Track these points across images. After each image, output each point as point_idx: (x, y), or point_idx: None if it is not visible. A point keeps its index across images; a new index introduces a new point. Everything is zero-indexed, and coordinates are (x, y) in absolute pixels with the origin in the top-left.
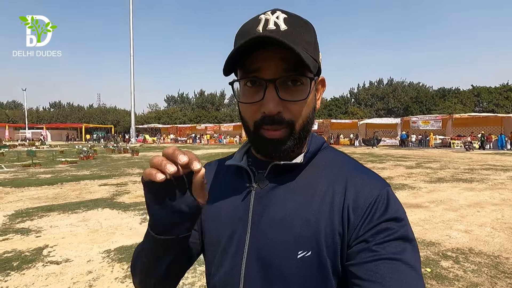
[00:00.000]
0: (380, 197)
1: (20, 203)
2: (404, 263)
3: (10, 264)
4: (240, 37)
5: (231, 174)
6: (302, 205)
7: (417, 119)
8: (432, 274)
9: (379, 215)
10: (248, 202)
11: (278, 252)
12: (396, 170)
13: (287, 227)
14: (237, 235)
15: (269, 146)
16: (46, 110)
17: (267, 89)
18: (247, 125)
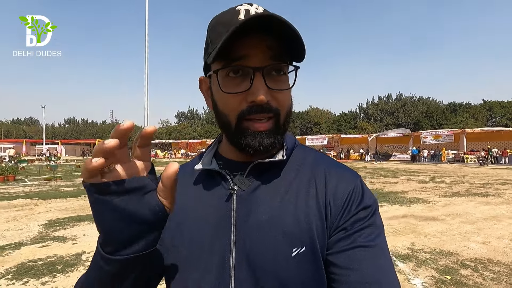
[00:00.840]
0: (356, 188)
1: (50, 213)
2: (379, 248)
3: (55, 268)
4: (220, 27)
5: (202, 178)
6: (288, 203)
7: (428, 134)
8: (452, 281)
9: (357, 205)
10: (229, 206)
11: (270, 254)
12: (410, 185)
13: (277, 226)
14: (220, 242)
15: (256, 140)
16: (61, 126)
17: (255, 78)
18: (228, 118)
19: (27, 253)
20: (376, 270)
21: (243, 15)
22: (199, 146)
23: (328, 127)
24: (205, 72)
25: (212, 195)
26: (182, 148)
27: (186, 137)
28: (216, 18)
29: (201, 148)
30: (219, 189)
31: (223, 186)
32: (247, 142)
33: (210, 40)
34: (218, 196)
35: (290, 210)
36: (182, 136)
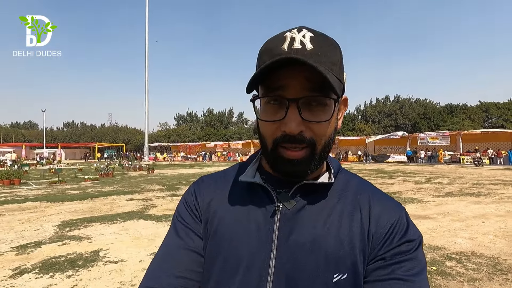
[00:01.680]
0: (400, 220)
1: (61, 215)
2: (418, 285)
3: (76, 263)
4: (264, 55)
5: (245, 191)
6: (332, 226)
7: (425, 135)
8: (437, 271)
9: (400, 237)
10: (272, 223)
11: (309, 276)
12: (405, 185)
13: (319, 249)
14: (260, 259)
15: (287, 166)
16: (60, 129)
17: (290, 109)
18: (265, 143)
19: (48, 251)
20: None
21: (288, 44)
22: (198, 149)
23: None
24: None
25: (255, 210)
26: (181, 150)
27: (185, 139)
28: (266, 42)
29: (200, 151)
30: (263, 204)
31: (267, 202)
32: (279, 168)
33: (257, 65)
34: (261, 212)
35: (333, 234)
36: (181, 139)
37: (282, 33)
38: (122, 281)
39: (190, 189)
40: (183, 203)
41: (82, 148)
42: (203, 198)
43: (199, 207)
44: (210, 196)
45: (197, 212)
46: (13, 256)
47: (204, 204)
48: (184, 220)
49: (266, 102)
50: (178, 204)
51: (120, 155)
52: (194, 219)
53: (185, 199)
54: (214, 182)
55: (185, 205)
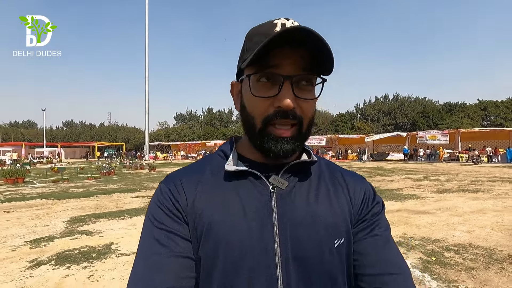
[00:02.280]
0: (368, 188)
1: (69, 212)
2: (390, 237)
3: (90, 256)
4: (256, 37)
5: (230, 181)
6: (324, 199)
7: (424, 134)
8: (436, 261)
9: (371, 201)
10: (269, 205)
11: (316, 247)
12: (405, 183)
13: (318, 221)
14: (263, 246)
15: (278, 145)
16: (60, 129)
17: (284, 85)
18: (254, 121)
19: (61, 245)
20: (393, 254)
21: (280, 27)
22: (198, 148)
23: (325, 128)
24: (237, 77)
25: (247, 198)
26: (181, 149)
27: (185, 138)
28: (254, 29)
29: (201, 149)
30: (255, 190)
31: (259, 187)
32: (268, 147)
33: (246, 48)
34: (255, 198)
35: (327, 205)
36: (181, 138)
37: (270, 21)
38: None
39: (163, 189)
40: (158, 206)
41: (82, 147)
42: (184, 197)
43: (181, 208)
44: (192, 194)
45: (180, 214)
46: (28, 249)
47: (188, 203)
48: (164, 224)
49: (257, 80)
50: (150, 209)
51: (120, 154)
52: (177, 221)
53: (160, 201)
54: (191, 178)
55: (161, 208)
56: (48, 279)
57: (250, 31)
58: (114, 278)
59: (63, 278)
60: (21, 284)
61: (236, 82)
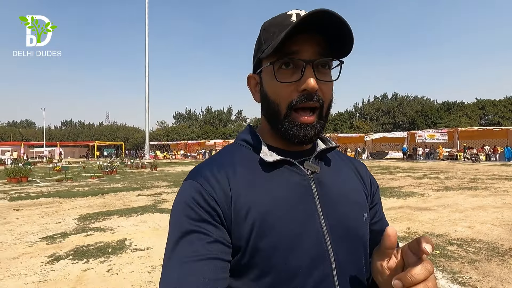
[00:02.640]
0: (371, 175)
1: (78, 210)
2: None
3: (107, 251)
4: (273, 27)
5: (268, 171)
6: (349, 179)
7: (423, 133)
8: (440, 254)
9: (374, 184)
10: (309, 189)
11: (354, 221)
12: (405, 181)
13: (350, 198)
14: (310, 223)
15: (301, 131)
16: (58, 128)
17: (306, 69)
18: (279, 108)
19: (76, 241)
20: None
21: (295, 17)
22: (197, 147)
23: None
24: (255, 69)
25: (290, 183)
26: (181, 149)
27: (184, 138)
28: (269, 21)
29: (200, 149)
30: (295, 176)
31: (297, 173)
32: (293, 133)
33: (263, 39)
34: (297, 183)
35: (352, 185)
36: (180, 137)
37: (283, 13)
38: (153, 265)
39: (194, 186)
40: (189, 205)
41: (81, 147)
42: (221, 193)
43: (218, 206)
44: (229, 189)
45: (215, 212)
46: (44, 245)
47: (226, 199)
48: (197, 225)
49: (278, 68)
50: (178, 208)
51: (120, 153)
52: (211, 221)
53: (192, 199)
54: (223, 172)
55: (193, 207)
56: (69, 272)
57: (265, 23)
58: (132, 272)
59: (84, 272)
60: (44, 277)
61: (254, 74)
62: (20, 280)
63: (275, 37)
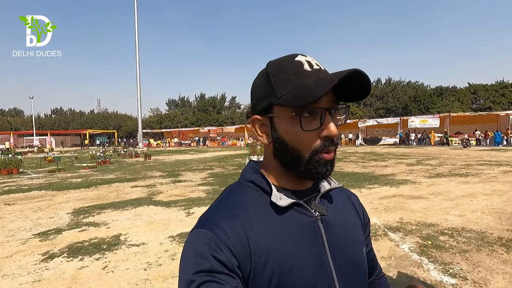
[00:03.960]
0: (363, 206)
1: (71, 203)
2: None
3: (101, 247)
4: (289, 75)
5: (279, 214)
6: (348, 216)
7: (416, 118)
8: (432, 245)
9: (367, 220)
10: (318, 230)
11: (356, 258)
12: (398, 168)
13: (354, 237)
14: (322, 268)
15: (324, 168)
16: (48, 116)
17: (326, 116)
18: (300, 153)
19: (70, 237)
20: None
21: (308, 66)
22: (191, 134)
23: None
24: (262, 112)
25: (301, 226)
26: (175, 136)
27: (177, 125)
28: (276, 65)
29: (194, 136)
30: (305, 218)
31: (305, 214)
32: (316, 171)
33: (275, 84)
34: (307, 225)
35: (352, 221)
36: (174, 124)
37: (290, 58)
38: (148, 261)
39: (208, 238)
40: (203, 258)
41: (73, 135)
42: (238, 243)
43: (234, 258)
44: (245, 238)
45: (232, 264)
46: (38, 242)
47: (243, 248)
48: (212, 276)
49: (299, 115)
50: (189, 263)
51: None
52: (227, 273)
53: (207, 253)
54: (236, 219)
55: (209, 261)
56: (64, 271)
57: (273, 66)
58: (128, 269)
59: (79, 270)
60: (38, 276)
61: (262, 116)
62: (13, 281)
63: (291, 85)
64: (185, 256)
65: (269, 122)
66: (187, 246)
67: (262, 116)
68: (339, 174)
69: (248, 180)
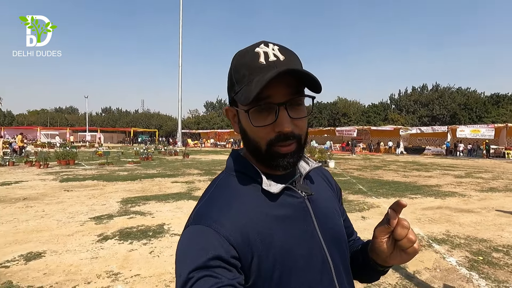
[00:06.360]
0: (335, 181)
1: (119, 193)
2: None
3: (147, 234)
4: (243, 69)
5: (269, 199)
6: (326, 191)
7: (466, 128)
8: (484, 261)
9: (339, 189)
10: (307, 209)
11: (338, 229)
12: (444, 179)
13: (333, 210)
14: (314, 238)
15: (283, 160)
16: (98, 115)
17: (280, 111)
18: (259, 145)
19: (121, 223)
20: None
21: (263, 58)
22: (227, 136)
23: (356, 119)
24: (231, 102)
25: (292, 207)
26: (211, 137)
27: (214, 126)
28: (238, 58)
29: (229, 137)
30: (294, 200)
31: (294, 196)
32: (276, 163)
33: (234, 79)
34: (297, 206)
35: (330, 195)
36: (210, 126)
37: (251, 49)
38: None
39: (205, 233)
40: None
41: (119, 133)
42: (238, 234)
43: (234, 250)
44: (242, 227)
45: (231, 255)
46: (93, 225)
47: (243, 237)
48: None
49: (254, 112)
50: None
51: (153, 140)
52: (226, 267)
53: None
54: (231, 210)
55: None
56: (116, 251)
57: (235, 60)
58: (172, 255)
59: (129, 252)
60: (95, 254)
61: (231, 107)
62: (75, 256)
63: (245, 81)
64: (182, 253)
65: (237, 114)
66: (185, 242)
67: (232, 107)
68: (378, 182)
69: (236, 170)
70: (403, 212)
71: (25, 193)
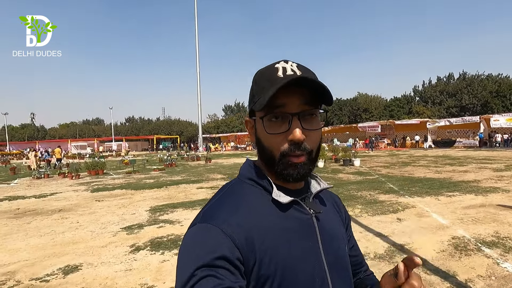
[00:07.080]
0: (345, 207)
1: (147, 201)
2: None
3: (178, 243)
4: (263, 81)
5: (278, 210)
6: (334, 215)
7: (501, 116)
8: None
9: (349, 220)
10: (313, 226)
11: (342, 252)
12: (482, 173)
13: (339, 234)
14: (317, 256)
15: (294, 170)
16: (123, 124)
17: (293, 121)
18: (272, 154)
19: (151, 232)
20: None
21: (281, 72)
22: (247, 139)
23: (379, 113)
24: (250, 114)
25: (299, 222)
26: (231, 141)
27: (233, 130)
28: (259, 73)
29: (249, 140)
30: (302, 215)
31: (302, 212)
32: (287, 172)
33: (255, 91)
34: (305, 222)
35: (337, 220)
36: (230, 129)
37: (271, 65)
38: None
39: (212, 232)
40: (207, 251)
41: (142, 141)
42: (243, 238)
43: (239, 252)
44: (249, 233)
45: (235, 257)
46: (125, 235)
47: (248, 242)
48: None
49: (268, 120)
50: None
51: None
52: (230, 269)
53: (210, 245)
54: (238, 215)
55: (212, 254)
56: (149, 263)
57: (257, 74)
58: None
59: (161, 263)
60: (129, 266)
61: (250, 118)
62: (110, 268)
63: (264, 92)
64: (187, 250)
65: (254, 124)
66: (190, 240)
67: (250, 119)
68: (409, 180)
69: (249, 178)
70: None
71: (60, 204)
